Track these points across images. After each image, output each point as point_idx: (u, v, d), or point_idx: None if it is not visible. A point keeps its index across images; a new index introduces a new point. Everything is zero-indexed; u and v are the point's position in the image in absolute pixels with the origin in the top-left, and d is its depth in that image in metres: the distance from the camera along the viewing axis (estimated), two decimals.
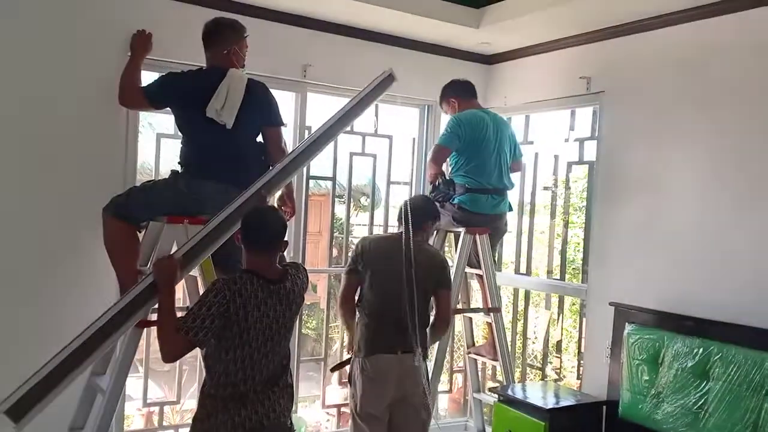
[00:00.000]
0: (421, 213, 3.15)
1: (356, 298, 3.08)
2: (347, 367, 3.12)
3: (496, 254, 4.00)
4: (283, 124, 3.06)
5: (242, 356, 2.25)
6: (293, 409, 4.01)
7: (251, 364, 2.27)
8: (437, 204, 3.69)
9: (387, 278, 2.94)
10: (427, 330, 3.06)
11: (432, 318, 3.10)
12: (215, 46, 2.96)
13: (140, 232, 2.84)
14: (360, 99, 3.10)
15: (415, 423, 3.01)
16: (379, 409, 2.93)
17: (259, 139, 3.03)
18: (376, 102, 3.24)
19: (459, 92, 3.86)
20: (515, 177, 3.98)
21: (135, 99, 2.99)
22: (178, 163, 2.97)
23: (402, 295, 2.91)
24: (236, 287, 2.23)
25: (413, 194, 3.48)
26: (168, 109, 3.03)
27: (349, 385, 3.07)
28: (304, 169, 3.87)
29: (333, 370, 3.38)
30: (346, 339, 3.12)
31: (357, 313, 3.06)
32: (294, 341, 3.94)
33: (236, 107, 2.82)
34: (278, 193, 3.07)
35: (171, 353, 2.24)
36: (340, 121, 3.03)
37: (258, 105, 2.92)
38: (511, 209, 3.90)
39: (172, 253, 2.61)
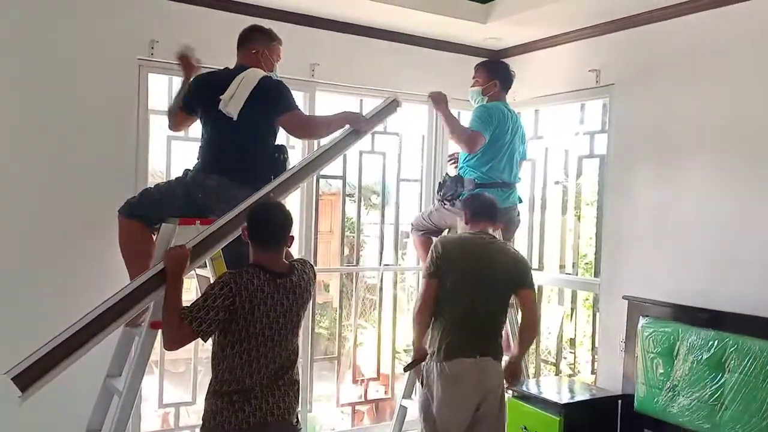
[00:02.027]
0: (496, 210, 3.09)
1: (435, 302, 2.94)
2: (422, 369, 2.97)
3: None
4: (294, 107, 2.97)
5: (248, 349, 2.25)
6: (308, 408, 4.08)
7: (257, 357, 2.26)
8: (447, 202, 3.69)
9: (466, 280, 2.86)
10: (516, 334, 2.94)
11: (520, 321, 3.00)
12: (244, 46, 3.01)
13: (154, 234, 2.86)
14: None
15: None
16: (457, 414, 2.82)
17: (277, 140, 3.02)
18: (380, 125, 3.27)
19: (503, 81, 3.73)
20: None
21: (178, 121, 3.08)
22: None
23: (481, 298, 2.85)
24: (242, 281, 2.23)
25: (481, 193, 3.34)
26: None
27: (421, 389, 2.97)
28: None
29: (407, 369, 3.21)
30: (414, 339, 2.94)
31: (433, 315, 2.93)
32: (307, 340, 3.96)
33: (242, 99, 2.80)
34: None
35: (174, 341, 2.26)
36: (339, 144, 3.04)
37: (265, 98, 2.86)
38: (520, 201, 3.88)
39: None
